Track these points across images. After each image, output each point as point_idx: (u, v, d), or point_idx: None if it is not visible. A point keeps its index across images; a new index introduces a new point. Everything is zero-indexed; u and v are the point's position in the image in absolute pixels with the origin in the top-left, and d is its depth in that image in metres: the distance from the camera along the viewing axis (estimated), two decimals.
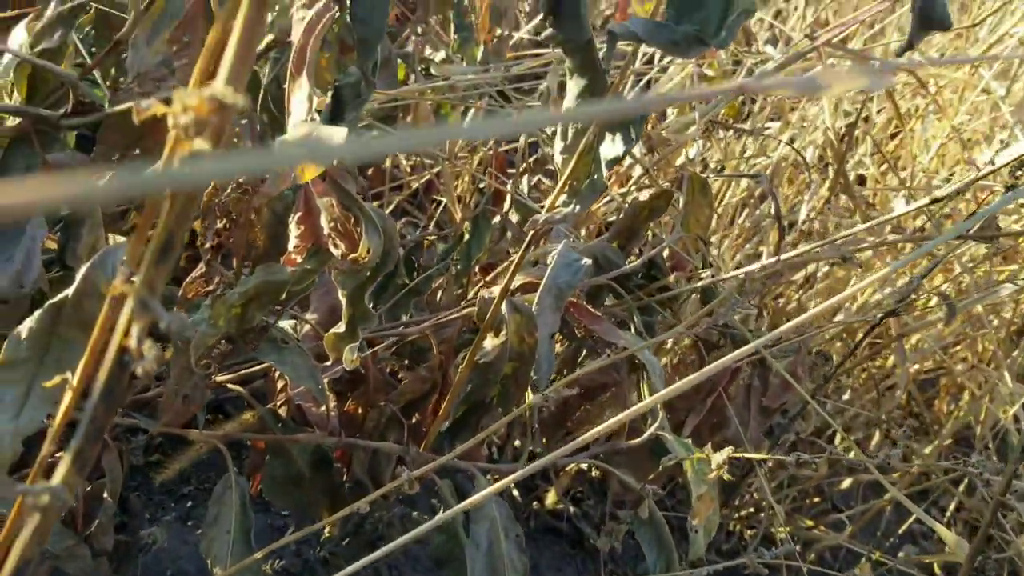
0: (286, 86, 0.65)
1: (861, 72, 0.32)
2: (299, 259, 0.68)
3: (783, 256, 0.94)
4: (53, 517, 0.42)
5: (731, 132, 1.38)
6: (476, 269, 1.20)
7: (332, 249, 0.66)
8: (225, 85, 0.34)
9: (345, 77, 0.71)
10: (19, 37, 0.88)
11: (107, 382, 0.39)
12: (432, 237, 1.27)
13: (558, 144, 0.74)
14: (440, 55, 1.26)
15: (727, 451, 0.76)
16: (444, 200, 1.43)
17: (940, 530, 0.83)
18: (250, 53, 0.35)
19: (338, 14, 0.67)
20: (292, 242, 0.68)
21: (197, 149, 0.34)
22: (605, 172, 0.73)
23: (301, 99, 0.62)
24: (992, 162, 0.70)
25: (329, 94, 0.73)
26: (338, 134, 0.56)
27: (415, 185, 1.56)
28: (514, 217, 1.25)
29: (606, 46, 0.66)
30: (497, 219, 1.23)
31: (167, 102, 0.70)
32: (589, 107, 0.62)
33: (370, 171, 1.47)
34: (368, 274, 0.67)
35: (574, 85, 0.71)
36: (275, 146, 0.49)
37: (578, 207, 0.74)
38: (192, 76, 0.39)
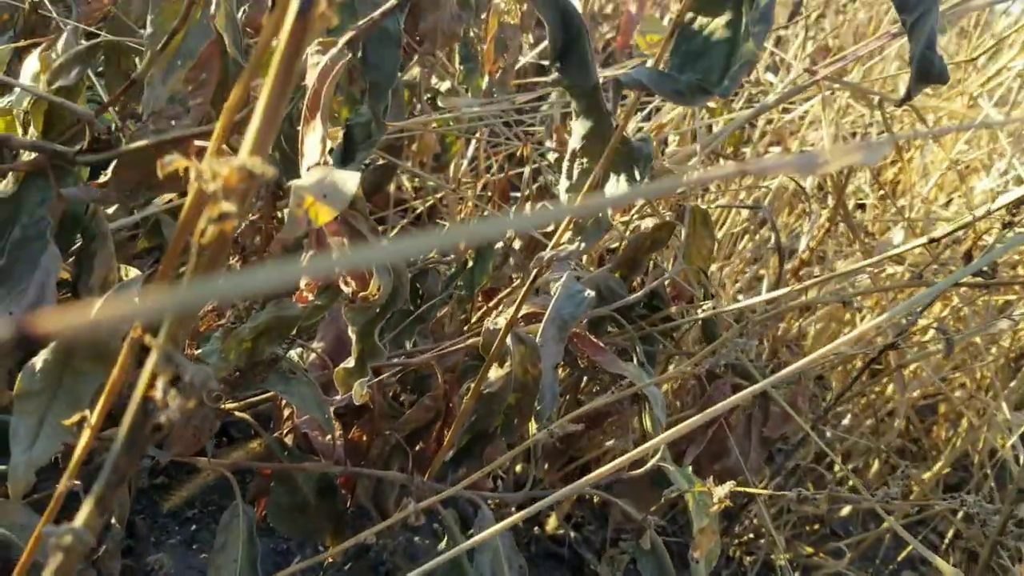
0: (299, 127, 0.67)
1: (857, 147, 0.33)
2: (310, 296, 0.69)
3: (783, 291, 0.95)
4: (75, 558, 0.43)
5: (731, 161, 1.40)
6: (479, 294, 1.21)
7: (343, 287, 0.67)
8: (251, 153, 0.35)
9: (356, 117, 0.73)
10: (32, 67, 0.89)
11: (130, 432, 0.40)
12: (435, 264, 1.29)
13: (563, 183, 0.75)
14: (446, 84, 1.28)
15: (729, 485, 0.77)
16: (448, 225, 1.45)
17: (938, 562, 0.84)
18: (275, 124, 0.36)
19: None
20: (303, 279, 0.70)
21: (225, 211, 0.36)
22: (610, 211, 0.74)
23: (315, 141, 0.64)
24: (988, 211, 0.72)
25: (341, 132, 0.74)
26: (351, 179, 0.58)
27: (419, 209, 1.57)
28: (517, 244, 1.26)
29: (611, 92, 0.67)
30: (500, 245, 1.25)
31: (179, 145, 0.72)
32: (601, 199, 0.64)
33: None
34: (378, 311, 0.68)
35: (580, 127, 0.73)
36: (313, 260, 0.51)
37: (583, 245, 0.75)
38: (213, 137, 0.41)
